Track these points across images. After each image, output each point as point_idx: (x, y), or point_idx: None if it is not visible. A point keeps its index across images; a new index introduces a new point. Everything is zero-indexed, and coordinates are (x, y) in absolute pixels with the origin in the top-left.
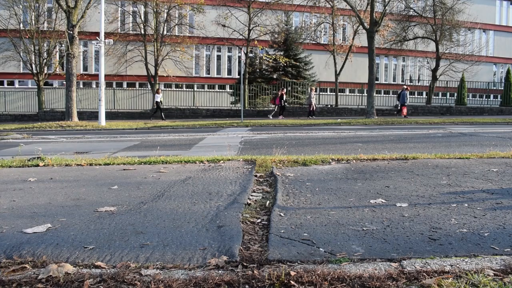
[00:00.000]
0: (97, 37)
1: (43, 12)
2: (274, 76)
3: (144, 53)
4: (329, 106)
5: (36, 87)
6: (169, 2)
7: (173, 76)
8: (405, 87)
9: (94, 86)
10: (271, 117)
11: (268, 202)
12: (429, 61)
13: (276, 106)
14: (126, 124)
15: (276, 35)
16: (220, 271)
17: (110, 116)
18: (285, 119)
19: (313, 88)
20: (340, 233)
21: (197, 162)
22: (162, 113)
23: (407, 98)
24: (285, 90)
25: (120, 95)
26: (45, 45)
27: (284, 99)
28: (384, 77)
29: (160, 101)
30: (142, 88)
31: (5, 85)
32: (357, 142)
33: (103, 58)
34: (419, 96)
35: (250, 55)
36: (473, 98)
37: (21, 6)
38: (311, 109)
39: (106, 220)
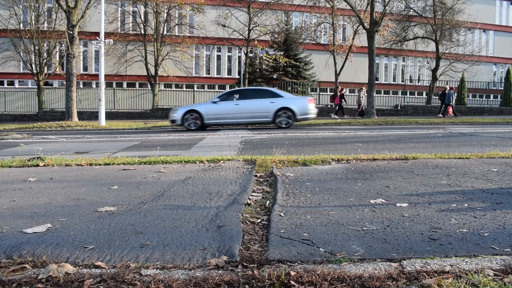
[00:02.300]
0: (97, 37)
1: (43, 12)
2: (274, 76)
3: (144, 53)
4: (329, 106)
5: (36, 87)
6: (169, 2)
7: (173, 76)
8: (447, 87)
9: (94, 86)
10: (333, 116)
11: (268, 202)
12: (429, 61)
13: (336, 106)
14: (126, 124)
15: (276, 35)
16: (220, 271)
17: (110, 116)
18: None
19: (363, 88)
20: (340, 233)
21: (197, 162)
22: None
23: (453, 98)
24: (344, 90)
25: (120, 95)
26: (45, 45)
27: (344, 98)
28: (384, 77)
29: None
30: (142, 88)
31: (5, 85)
32: (357, 142)
33: (103, 58)
34: (419, 96)
35: (250, 55)
36: (473, 98)
37: (21, 6)
38: (361, 109)
39: (106, 220)
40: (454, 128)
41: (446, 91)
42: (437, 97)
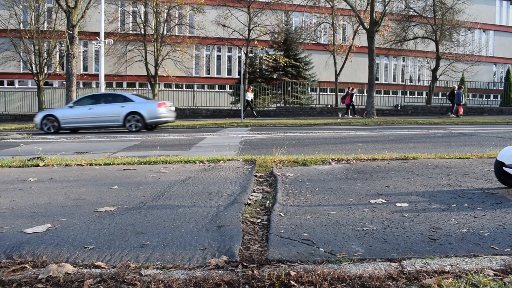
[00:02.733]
0: (97, 37)
1: (43, 12)
2: (274, 76)
3: (144, 53)
4: (329, 106)
5: (36, 87)
6: (169, 2)
7: (173, 76)
8: (456, 87)
9: (94, 86)
10: (341, 117)
11: (268, 202)
12: (429, 61)
13: (346, 105)
14: None
15: (276, 35)
16: (220, 271)
17: None
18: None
19: None
20: (340, 233)
21: (197, 162)
22: (245, 112)
23: (462, 98)
24: (355, 90)
25: None
26: (45, 45)
27: (353, 98)
28: (384, 77)
29: (251, 100)
30: (142, 88)
31: (5, 85)
32: (357, 142)
33: (103, 58)
34: (419, 96)
35: (250, 55)
36: (473, 98)
37: (21, 6)
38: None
39: (106, 220)
40: (454, 128)
41: (455, 91)
42: (446, 97)
